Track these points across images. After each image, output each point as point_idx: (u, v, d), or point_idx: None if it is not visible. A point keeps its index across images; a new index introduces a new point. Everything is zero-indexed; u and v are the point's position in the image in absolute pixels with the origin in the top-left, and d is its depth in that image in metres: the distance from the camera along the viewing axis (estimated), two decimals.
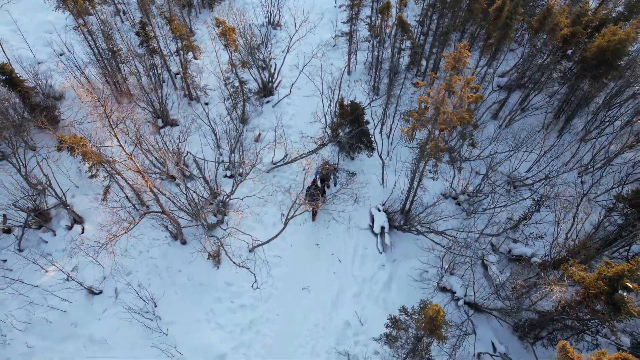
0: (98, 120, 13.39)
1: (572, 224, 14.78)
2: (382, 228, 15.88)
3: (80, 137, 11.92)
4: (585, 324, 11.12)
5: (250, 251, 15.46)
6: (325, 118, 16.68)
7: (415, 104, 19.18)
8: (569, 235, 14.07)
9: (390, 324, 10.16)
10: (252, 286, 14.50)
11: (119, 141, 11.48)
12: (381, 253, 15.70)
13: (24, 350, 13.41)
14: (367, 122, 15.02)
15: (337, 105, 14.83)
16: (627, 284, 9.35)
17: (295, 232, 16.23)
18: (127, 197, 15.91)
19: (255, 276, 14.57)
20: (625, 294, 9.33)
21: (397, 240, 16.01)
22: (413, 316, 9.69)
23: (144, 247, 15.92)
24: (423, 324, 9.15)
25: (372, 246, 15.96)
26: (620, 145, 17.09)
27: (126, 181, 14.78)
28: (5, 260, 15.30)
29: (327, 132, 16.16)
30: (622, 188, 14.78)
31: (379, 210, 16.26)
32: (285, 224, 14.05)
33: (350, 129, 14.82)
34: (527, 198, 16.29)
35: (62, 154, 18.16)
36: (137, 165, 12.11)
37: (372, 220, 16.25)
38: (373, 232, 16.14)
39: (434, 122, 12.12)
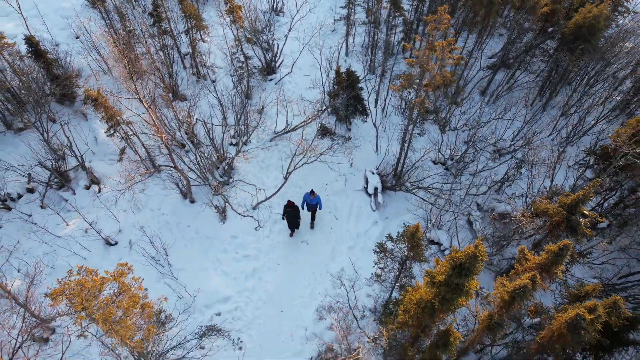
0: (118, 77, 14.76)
1: (550, 185, 16.12)
2: (376, 189, 17.21)
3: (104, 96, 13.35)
4: None
5: (254, 208, 16.81)
6: (324, 87, 18.08)
7: None
8: (545, 189, 15.38)
9: (378, 249, 11.47)
10: (255, 229, 15.84)
11: (137, 92, 12.85)
12: (374, 211, 17.02)
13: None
14: (362, 89, 16.43)
15: (335, 72, 16.23)
16: (584, 211, 10.66)
17: (295, 193, 17.56)
18: (140, 159, 17.29)
19: (258, 221, 15.89)
20: (581, 219, 10.63)
21: (389, 200, 17.35)
22: (397, 241, 11.01)
23: (156, 205, 17.28)
24: (406, 248, 10.47)
25: (366, 205, 17.30)
26: (595, 118, 18.42)
27: (141, 142, 16.20)
28: (30, 215, 16.69)
29: (325, 98, 17.53)
30: (594, 146, 16.05)
31: (373, 173, 17.60)
32: (286, 178, 15.40)
33: (345, 94, 16.20)
34: (508, 160, 17.61)
35: (80, 124, 19.66)
36: (154, 118, 13.48)
37: (366, 182, 17.58)
38: (367, 193, 17.47)
39: (420, 82, 13.50)
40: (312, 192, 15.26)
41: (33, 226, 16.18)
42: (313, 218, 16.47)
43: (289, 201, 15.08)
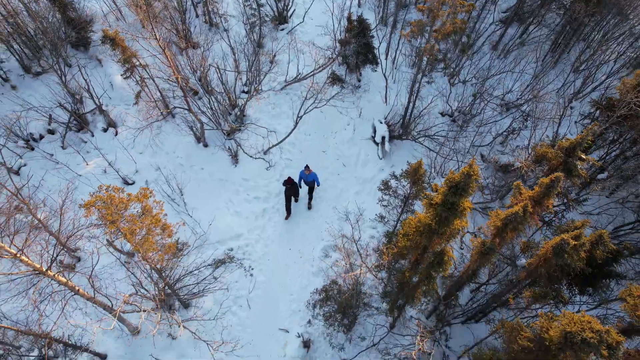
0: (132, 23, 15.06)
1: (554, 138, 16.47)
2: (383, 138, 17.67)
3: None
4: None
5: (264, 153, 17.45)
6: (335, 35, 18.22)
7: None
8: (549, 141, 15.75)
9: (382, 187, 12.12)
10: (267, 169, 16.61)
11: (153, 31, 13.20)
12: (381, 159, 17.59)
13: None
14: (372, 36, 16.58)
15: (346, 20, 16.35)
16: (581, 155, 11.12)
17: (305, 140, 18.13)
18: (155, 103, 17.81)
19: (269, 162, 16.62)
20: (578, 162, 11.10)
21: (395, 149, 17.85)
22: (401, 178, 11.62)
23: (171, 148, 17.97)
24: (409, 184, 11.07)
25: (373, 153, 17.84)
26: (606, 73, 18.44)
27: (156, 85, 16.69)
28: (52, 154, 17.51)
29: (336, 46, 17.71)
30: (601, 99, 16.22)
31: (381, 122, 18.01)
32: (296, 122, 15.91)
33: (356, 42, 16.38)
34: (514, 113, 17.88)
35: (95, 69, 20.12)
36: (170, 58, 13.90)
37: (374, 132, 18.03)
38: (374, 141, 17.96)
39: (430, 29, 13.66)
40: (307, 167, 15.18)
41: (55, 164, 17.04)
42: (310, 197, 16.38)
43: (288, 178, 15.19)
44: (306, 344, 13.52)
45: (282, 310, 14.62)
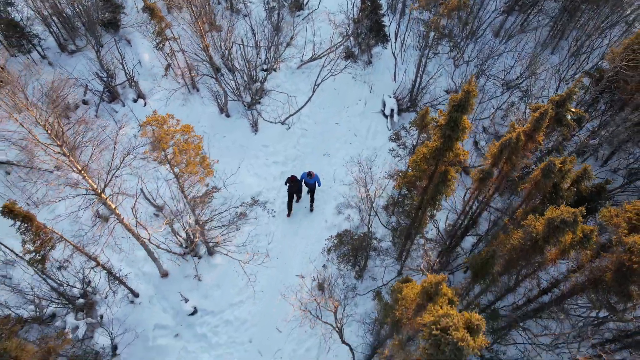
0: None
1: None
2: (392, 110, 19.10)
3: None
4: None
5: (282, 123, 18.90)
6: (348, 15, 19.79)
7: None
8: None
9: (394, 137, 13.47)
10: (287, 129, 18.18)
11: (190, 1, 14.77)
12: (390, 130, 18.98)
13: None
14: (384, 15, 18.12)
15: (360, 1, 17.92)
16: (571, 108, 12.46)
17: (319, 113, 19.58)
18: (181, 70, 19.28)
19: (288, 124, 18.12)
20: (568, 116, 12.44)
21: (403, 121, 19.23)
22: (409, 128, 12.98)
23: (195, 119, 19.44)
24: (417, 130, 12.42)
25: (382, 125, 19.24)
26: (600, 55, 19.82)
27: (184, 56, 18.25)
28: (87, 123, 19.04)
29: (349, 26, 19.27)
30: (593, 70, 17.53)
31: (390, 97, 19.45)
32: (313, 91, 17.38)
33: (369, 18, 17.92)
34: (514, 91, 19.28)
35: (125, 49, 21.77)
36: (201, 27, 15.44)
37: (384, 106, 19.45)
38: (384, 114, 19.38)
39: (437, 2, 15.17)
40: (309, 173, 15.57)
41: (90, 129, 18.53)
42: (312, 200, 16.80)
43: (292, 176, 15.69)
44: (321, 287, 14.79)
45: (298, 260, 15.91)
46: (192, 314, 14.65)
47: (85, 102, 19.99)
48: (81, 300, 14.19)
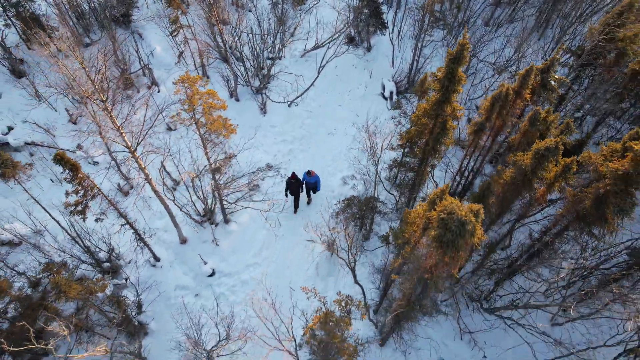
0: None
1: None
2: (391, 92, 20.46)
3: None
4: None
5: (289, 105, 20.19)
6: (349, 3, 21.26)
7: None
8: None
9: (396, 106, 14.75)
10: (296, 105, 19.41)
11: None
12: (389, 110, 20.31)
13: None
14: (382, 3, 19.59)
15: None
16: (554, 76, 13.85)
17: (323, 96, 20.91)
18: (194, 64, 20.63)
19: (296, 102, 19.38)
20: (552, 81, 13.83)
21: (402, 103, 20.60)
22: (410, 96, 14.26)
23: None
24: (417, 96, 13.72)
25: (383, 106, 20.59)
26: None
27: (197, 44, 19.55)
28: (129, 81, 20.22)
29: (350, 14, 20.71)
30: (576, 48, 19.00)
31: (389, 81, 20.84)
32: (319, 72, 18.70)
33: (368, 6, 19.37)
34: (504, 74, 20.75)
35: (137, 42, 23.03)
36: (217, 13, 16.76)
37: (383, 89, 20.82)
38: (384, 97, 20.74)
39: None
40: (309, 172, 16.04)
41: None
42: (309, 196, 17.38)
43: (292, 173, 15.93)
44: (330, 248, 15.93)
45: (308, 226, 17.07)
46: (211, 275, 15.72)
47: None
48: (107, 264, 15.23)
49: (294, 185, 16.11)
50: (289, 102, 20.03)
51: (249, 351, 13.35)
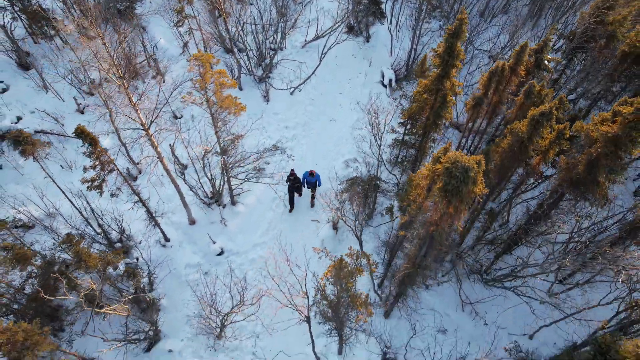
0: None
1: None
2: (390, 80, 21.08)
3: None
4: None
5: (291, 93, 20.76)
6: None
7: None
8: None
9: (396, 88, 15.35)
10: (299, 91, 19.97)
11: None
12: (389, 97, 20.94)
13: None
14: None
15: None
16: (547, 57, 14.51)
17: (324, 84, 21.51)
18: (197, 44, 21.08)
19: (299, 88, 19.96)
20: (546, 61, 14.49)
21: (403, 85, 21.23)
22: (410, 79, 14.87)
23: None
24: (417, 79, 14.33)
25: (382, 93, 21.20)
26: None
27: (202, 33, 20.09)
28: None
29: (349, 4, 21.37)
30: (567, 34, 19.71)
31: (388, 69, 21.46)
32: (320, 60, 19.30)
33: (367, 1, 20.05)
34: (499, 58, 21.44)
35: (141, 35, 23.55)
36: (220, 3, 17.33)
37: (383, 77, 21.44)
38: (383, 84, 21.35)
39: None
40: (311, 172, 16.21)
41: (114, 105, 20.21)
42: (313, 196, 17.46)
43: (291, 171, 16.20)
44: (335, 226, 16.50)
45: (313, 208, 17.65)
46: (220, 254, 16.23)
47: (107, 80, 21.64)
48: (119, 244, 15.70)
49: (294, 183, 16.31)
50: (292, 89, 20.59)
51: (261, 314, 13.96)
